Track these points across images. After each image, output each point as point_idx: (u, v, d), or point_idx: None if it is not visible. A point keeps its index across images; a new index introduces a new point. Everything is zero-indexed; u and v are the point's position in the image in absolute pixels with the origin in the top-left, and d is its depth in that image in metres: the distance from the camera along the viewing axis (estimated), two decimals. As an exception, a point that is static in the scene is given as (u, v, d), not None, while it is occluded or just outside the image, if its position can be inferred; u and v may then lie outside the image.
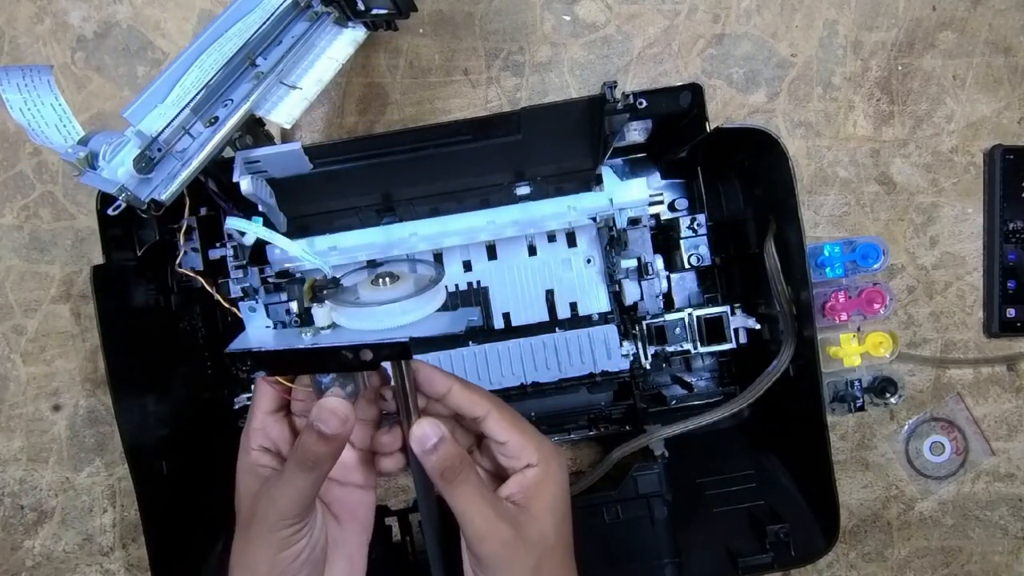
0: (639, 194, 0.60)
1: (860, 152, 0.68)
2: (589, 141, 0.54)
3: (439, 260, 0.63)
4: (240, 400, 0.62)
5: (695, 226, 0.63)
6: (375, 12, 0.50)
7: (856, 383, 0.66)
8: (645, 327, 0.61)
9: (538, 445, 0.45)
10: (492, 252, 0.63)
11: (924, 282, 0.69)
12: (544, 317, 0.64)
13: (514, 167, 0.57)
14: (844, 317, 0.65)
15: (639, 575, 0.57)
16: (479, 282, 0.64)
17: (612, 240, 0.62)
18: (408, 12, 0.50)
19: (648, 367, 0.62)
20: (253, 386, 0.61)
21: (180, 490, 0.57)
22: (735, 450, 0.64)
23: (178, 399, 0.59)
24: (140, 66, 0.66)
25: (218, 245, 0.61)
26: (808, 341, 0.54)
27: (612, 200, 0.60)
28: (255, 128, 0.49)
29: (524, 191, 0.59)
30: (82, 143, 0.42)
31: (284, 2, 0.47)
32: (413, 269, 0.50)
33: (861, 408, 0.66)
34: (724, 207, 0.64)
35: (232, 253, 0.60)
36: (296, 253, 0.45)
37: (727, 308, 0.60)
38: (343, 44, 0.51)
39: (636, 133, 0.61)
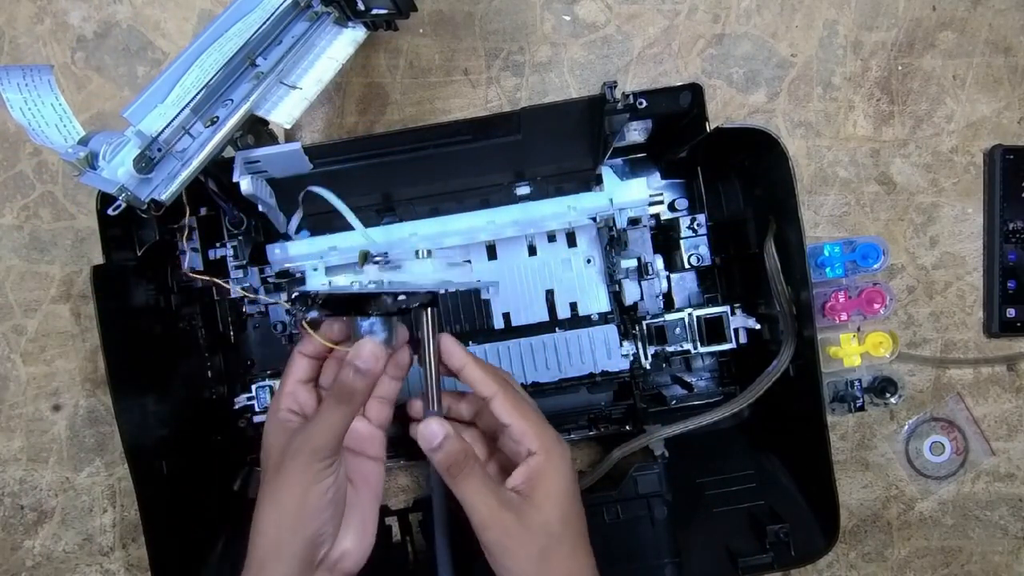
0: (639, 194, 0.60)
1: (860, 152, 0.68)
2: (589, 141, 0.54)
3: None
4: (240, 400, 0.62)
5: (695, 226, 0.63)
6: (375, 12, 0.50)
7: (856, 383, 0.66)
8: (645, 327, 0.61)
9: (538, 432, 0.47)
10: (492, 252, 0.63)
11: (924, 282, 0.69)
12: (544, 317, 0.64)
13: (514, 167, 0.57)
14: (844, 317, 0.65)
15: (639, 575, 0.57)
16: (479, 282, 0.64)
17: (612, 240, 0.62)
18: (408, 12, 0.50)
19: (648, 367, 0.62)
20: (295, 344, 0.62)
21: (180, 490, 0.57)
22: (735, 450, 0.64)
23: (178, 399, 0.59)
24: (140, 66, 0.66)
25: (218, 245, 0.61)
26: (808, 341, 0.54)
27: (612, 200, 0.60)
28: (258, 127, 0.49)
29: (524, 191, 0.59)
30: (82, 143, 0.42)
31: (284, 2, 0.47)
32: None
33: (861, 408, 0.66)
34: (724, 207, 0.64)
35: (232, 253, 0.60)
36: (361, 232, 0.52)
37: (727, 308, 0.60)
38: (343, 44, 0.51)
39: (636, 133, 0.61)
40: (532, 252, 0.64)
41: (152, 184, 0.43)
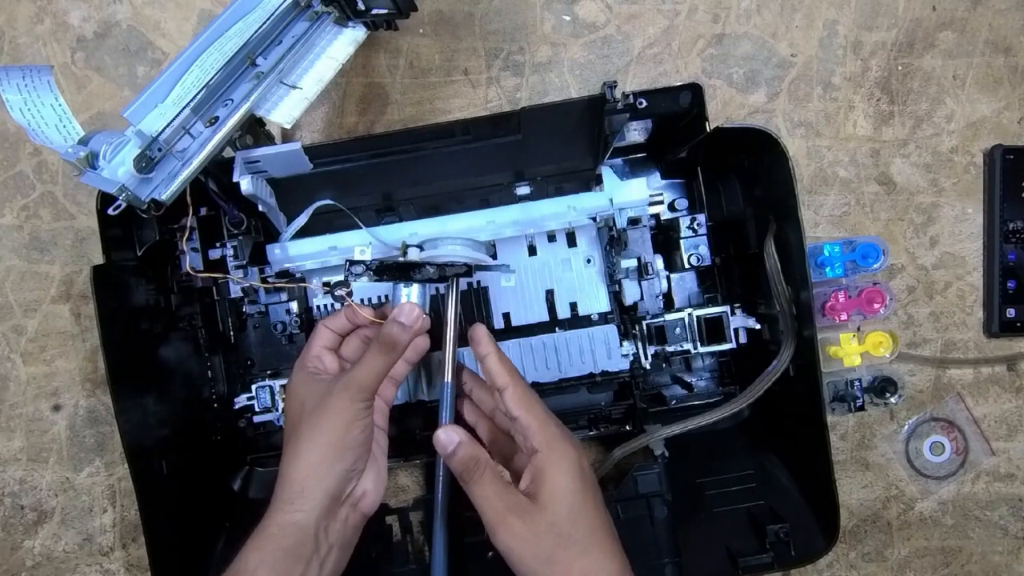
0: (639, 194, 0.60)
1: (860, 152, 0.68)
2: (589, 141, 0.54)
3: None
4: (240, 400, 0.62)
5: (695, 226, 0.63)
6: (375, 12, 0.50)
7: (856, 383, 0.66)
8: (645, 327, 0.61)
9: (541, 426, 0.48)
10: (492, 251, 0.63)
11: (924, 282, 0.69)
12: (544, 317, 0.64)
13: (514, 167, 0.57)
14: (844, 317, 0.65)
15: (639, 575, 0.57)
16: (479, 282, 0.64)
17: (612, 240, 0.62)
18: (408, 12, 0.50)
19: (648, 367, 0.62)
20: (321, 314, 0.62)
21: (180, 490, 0.57)
22: (735, 450, 0.64)
23: (178, 399, 0.59)
24: (140, 66, 0.66)
25: (218, 245, 0.61)
26: (808, 341, 0.54)
27: (612, 200, 0.60)
28: (255, 128, 0.49)
29: (524, 191, 0.59)
30: (82, 143, 0.42)
31: (284, 2, 0.47)
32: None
33: (861, 408, 0.66)
34: (724, 207, 0.64)
35: (232, 253, 0.60)
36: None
37: (727, 308, 0.60)
38: (343, 44, 0.51)
39: (636, 133, 0.61)
40: (532, 252, 0.64)
41: (152, 184, 0.43)
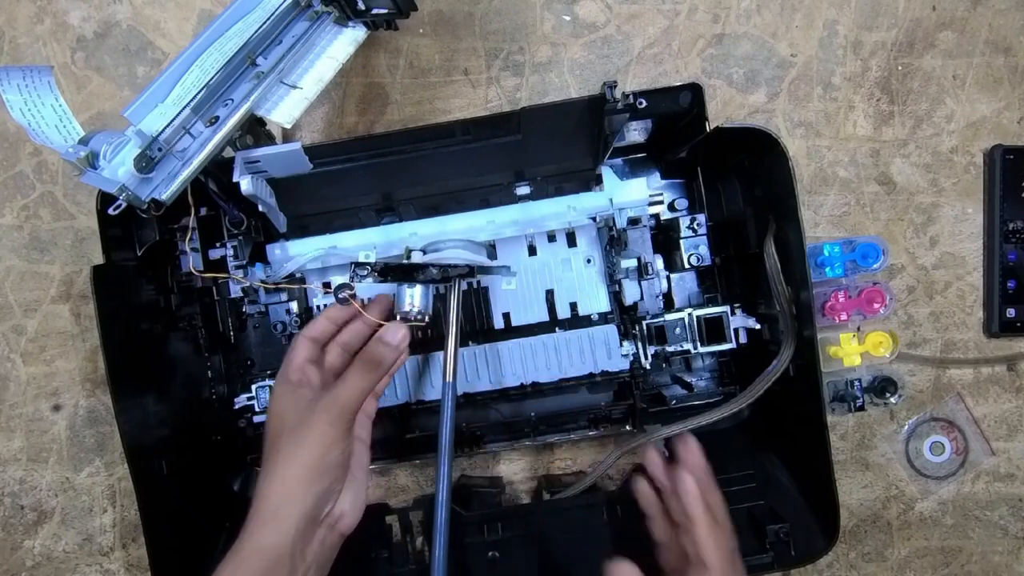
0: (639, 194, 0.60)
1: (860, 152, 0.68)
2: (589, 141, 0.54)
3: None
4: (240, 400, 0.62)
5: (695, 226, 0.63)
6: (375, 12, 0.50)
7: (856, 383, 0.66)
8: (645, 327, 0.61)
9: (716, 544, 0.49)
10: (492, 252, 0.63)
11: (924, 282, 0.69)
12: (544, 317, 0.64)
13: (514, 167, 0.57)
14: (844, 317, 0.65)
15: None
16: (479, 282, 0.64)
17: (612, 240, 0.62)
18: (408, 12, 0.50)
19: (648, 367, 0.62)
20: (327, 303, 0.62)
21: (180, 490, 0.57)
22: (735, 450, 0.64)
23: (178, 399, 0.59)
24: (140, 66, 0.66)
25: (218, 245, 0.61)
26: (808, 341, 0.54)
27: (612, 200, 0.60)
28: (255, 128, 0.49)
29: (524, 191, 0.59)
30: (82, 143, 0.42)
31: (284, 2, 0.47)
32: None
33: (861, 408, 0.66)
34: (724, 207, 0.64)
35: (232, 253, 0.60)
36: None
37: (727, 308, 0.60)
38: (343, 44, 0.51)
39: (636, 133, 0.61)
40: (532, 252, 0.64)
41: (152, 184, 0.43)
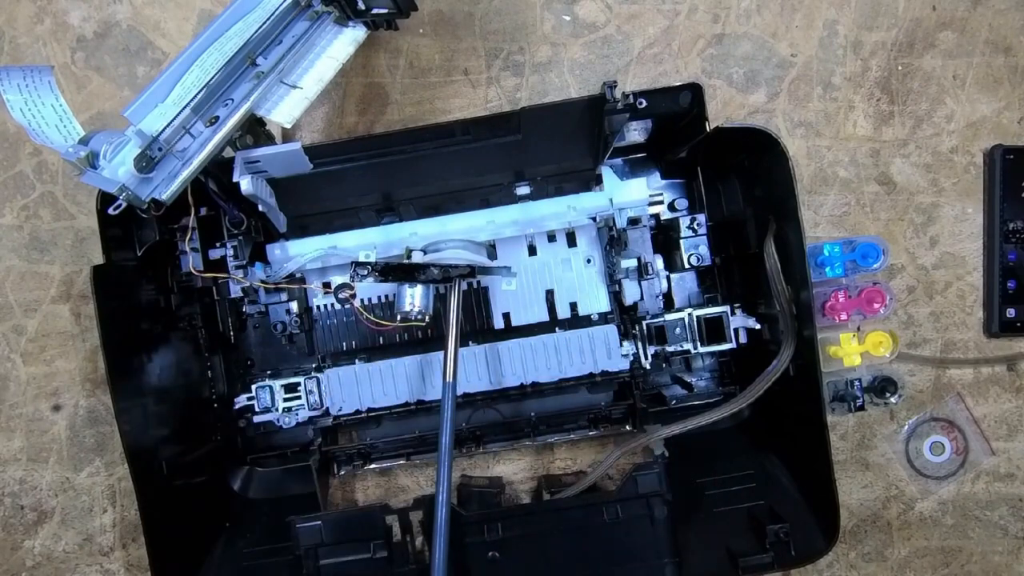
0: (639, 194, 0.60)
1: (860, 152, 0.68)
2: (589, 141, 0.54)
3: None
4: (240, 400, 0.62)
5: (695, 226, 0.63)
6: (375, 12, 0.50)
7: (856, 383, 0.66)
8: (645, 327, 0.61)
9: None
10: (492, 252, 0.63)
11: (924, 282, 0.69)
12: (544, 317, 0.64)
13: (514, 167, 0.57)
14: (844, 317, 0.65)
15: (639, 575, 0.57)
16: (479, 282, 0.64)
17: (612, 240, 0.62)
18: (408, 12, 0.50)
19: (648, 367, 0.62)
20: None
21: (180, 490, 0.57)
22: (735, 450, 0.64)
23: (178, 399, 0.59)
24: (140, 66, 0.66)
25: (218, 245, 0.61)
26: (808, 341, 0.54)
27: (612, 200, 0.60)
28: (255, 128, 0.49)
29: (524, 191, 0.59)
30: (82, 143, 0.42)
31: (284, 2, 0.47)
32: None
33: (861, 408, 0.66)
34: (724, 207, 0.64)
35: (232, 253, 0.60)
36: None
37: (727, 308, 0.60)
38: (343, 44, 0.51)
39: (636, 133, 0.61)
40: (532, 252, 0.64)
41: (153, 183, 0.43)
